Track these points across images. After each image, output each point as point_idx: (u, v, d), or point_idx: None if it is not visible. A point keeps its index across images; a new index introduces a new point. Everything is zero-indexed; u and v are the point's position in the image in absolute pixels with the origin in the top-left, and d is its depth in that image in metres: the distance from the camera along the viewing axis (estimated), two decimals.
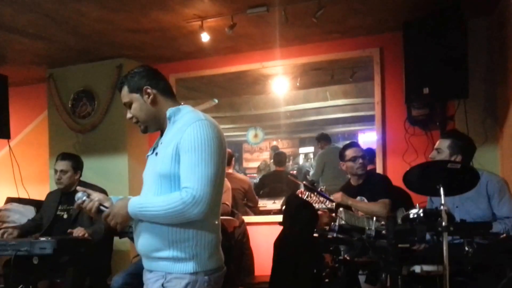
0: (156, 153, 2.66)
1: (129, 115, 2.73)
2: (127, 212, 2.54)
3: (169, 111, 2.65)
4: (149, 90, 2.65)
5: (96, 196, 2.64)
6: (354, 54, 6.37)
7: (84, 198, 2.65)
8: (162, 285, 2.53)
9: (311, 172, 8.56)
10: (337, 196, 4.77)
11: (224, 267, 2.70)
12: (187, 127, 2.50)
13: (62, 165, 5.20)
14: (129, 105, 2.71)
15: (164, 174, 2.54)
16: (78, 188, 2.73)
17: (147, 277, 2.67)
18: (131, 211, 2.54)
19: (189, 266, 2.51)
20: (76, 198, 2.67)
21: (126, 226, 2.75)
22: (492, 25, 5.54)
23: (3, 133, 6.55)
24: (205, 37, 5.68)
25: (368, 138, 9.07)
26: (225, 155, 2.60)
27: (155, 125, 2.73)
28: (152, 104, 2.66)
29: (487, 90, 5.58)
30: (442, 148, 4.13)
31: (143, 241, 2.61)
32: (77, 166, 5.28)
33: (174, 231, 2.51)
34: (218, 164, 2.50)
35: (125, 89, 2.70)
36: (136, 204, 2.54)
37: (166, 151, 2.55)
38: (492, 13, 5.44)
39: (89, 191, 2.69)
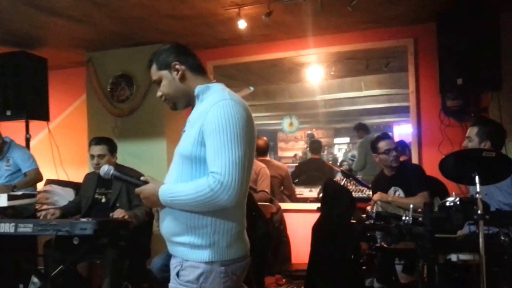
0: (184, 131, 2.59)
1: (159, 93, 2.67)
2: (158, 199, 2.49)
3: (197, 89, 2.57)
4: (177, 66, 2.60)
5: None
6: (388, 44, 6.40)
7: (111, 171, 2.68)
8: (178, 273, 2.48)
9: (355, 161, 8.51)
10: (376, 196, 4.79)
11: (247, 257, 2.58)
12: (210, 108, 2.40)
13: (99, 149, 5.15)
14: (158, 82, 2.66)
15: (184, 155, 2.48)
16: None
17: (171, 261, 2.62)
18: (162, 199, 2.47)
19: (205, 255, 2.42)
20: (103, 173, 2.71)
21: None
22: None
23: (43, 115, 6.66)
24: (242, 25, 5.72)
25: (404, 130, 9.07)
26: (254, 136, 2.50)
27: (184, 102, 2.66)
28: (180, 80, 2.60)
29: None
30: (471, 136, 4.16)
31: (165, 225, 2.55)
32: (113, 149, 5.24)
33: (192, 216, 2.43)
34: (246, 146, 2.37)
35: (154, 67, 2.66)
36: (167, 191, 2.47)
37: (190, 131, 2.48)
38: None
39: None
